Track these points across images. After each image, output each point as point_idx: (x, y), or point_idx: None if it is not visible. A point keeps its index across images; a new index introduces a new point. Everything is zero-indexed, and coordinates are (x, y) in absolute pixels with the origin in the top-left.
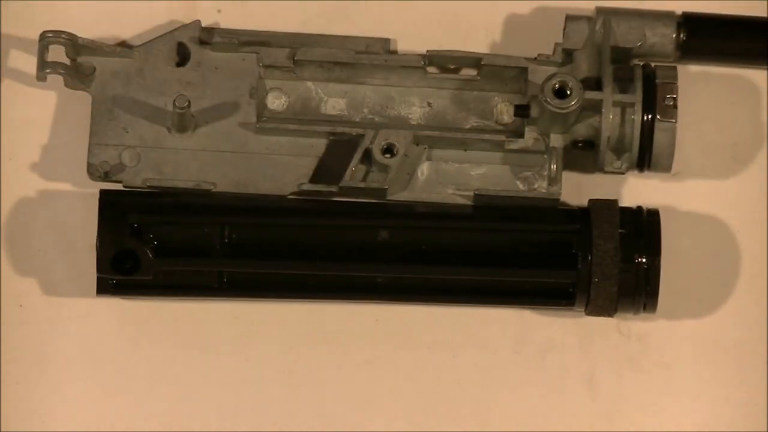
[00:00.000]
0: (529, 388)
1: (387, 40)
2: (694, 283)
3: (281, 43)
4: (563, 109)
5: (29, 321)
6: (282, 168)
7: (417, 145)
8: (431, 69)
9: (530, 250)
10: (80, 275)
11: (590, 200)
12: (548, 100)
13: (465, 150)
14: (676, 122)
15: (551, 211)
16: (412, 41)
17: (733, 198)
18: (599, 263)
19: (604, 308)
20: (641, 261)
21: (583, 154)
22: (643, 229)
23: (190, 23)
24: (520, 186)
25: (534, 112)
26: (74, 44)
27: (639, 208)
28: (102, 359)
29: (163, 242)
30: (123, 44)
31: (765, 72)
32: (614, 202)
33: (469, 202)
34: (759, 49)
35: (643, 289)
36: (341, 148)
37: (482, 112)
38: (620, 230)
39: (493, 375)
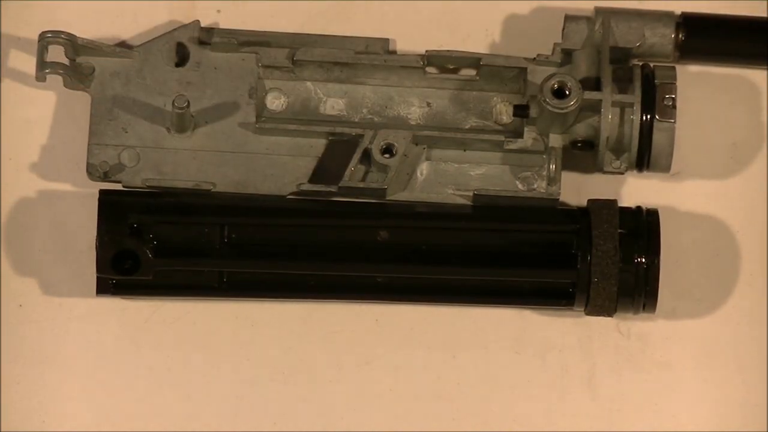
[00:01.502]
0: (529, 388)
1: (387, 40)
2: (694, 283)
3: (281, 43)
4: (562, 109)
5: (29, 321)
6: (281, 168)
7: (416, 145)
8: (431, 69)
9: (530, 250)
10: (80, 275)
11: (590, 200)
12: (547, 100)
13: (464, 150)
14: (675, 122)
15: (551, 211)
16: (412, 41)
17: (733, 198)
18: (599, 263)
19: (604, 308)
20: (641, 261)
21: (583, 154)
22: (642, 229)
23: (189, 23)
24: (520, 186)
25: (533, 112)
26: (74, 44)
27: (638, 208)
28: (102, 359)
29: (163, 242)
30: (123, 44)
31: (765, 72)
32: (614, 202)
33: (468, 202)
34: (759, 49)
35: (643, 288)
36: (340, 148)
37: (482, 112)
38: (620, 230)
39: (493, 375)
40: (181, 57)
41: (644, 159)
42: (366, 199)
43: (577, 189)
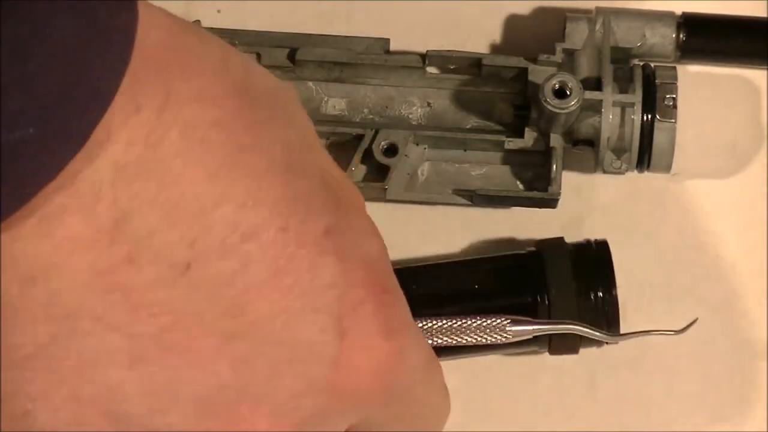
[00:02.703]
0: (529, 388)
1: (387, 40)
2: (694, 283)
3: (281, 43)
4: (563, 109)
5: None
6: None
7: (417, 145)
8: (431, 69)
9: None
10: None
11: (537, 241)
12: (548, 100)
13: (465, 150)
14: (675, 122)
15: (503, 257)
16: (412, 41)
17: (733, 198)
18: (556, 303)
19: (567, 347)
20: (598, 294)
21: (583, 154)
22: (592, 261)
23: None
24: (520, 186)
25: (534, 112)
26: None
27: (588, 241)
28: None
29: None
30: None
31: (765, 72)
32: (561, 239)
33: (469, 202)
34: (759, 49)
35: (603, 321)
36: (341, 148)
37: (482, 112)
38: (572, 266)
39: (493, 375)
40: None
41: (645, 159)
42: (367, 199)
43: (577, 189)
